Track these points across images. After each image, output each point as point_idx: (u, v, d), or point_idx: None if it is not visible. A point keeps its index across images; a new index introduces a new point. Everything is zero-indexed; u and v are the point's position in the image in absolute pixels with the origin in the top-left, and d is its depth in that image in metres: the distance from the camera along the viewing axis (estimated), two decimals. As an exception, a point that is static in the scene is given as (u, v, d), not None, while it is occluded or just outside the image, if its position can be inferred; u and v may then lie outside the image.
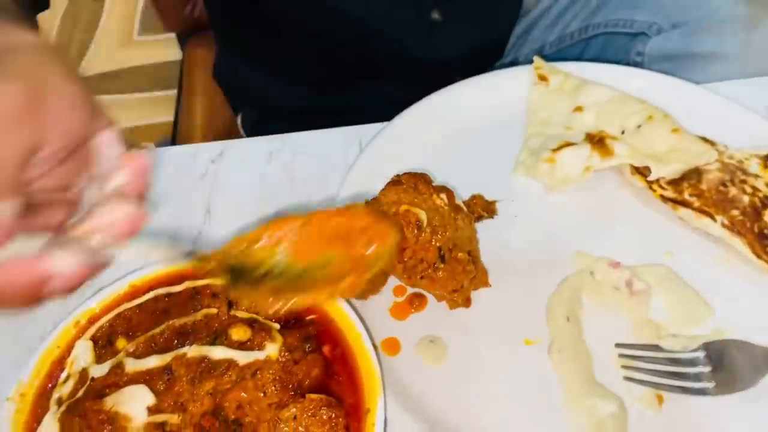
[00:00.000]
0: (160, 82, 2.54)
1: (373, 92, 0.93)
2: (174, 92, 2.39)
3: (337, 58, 0.97)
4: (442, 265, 0.58)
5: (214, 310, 0.55)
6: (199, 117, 1.41)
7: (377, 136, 0.73)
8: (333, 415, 0.49)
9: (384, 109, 0.75)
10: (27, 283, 0.39)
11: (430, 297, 0.63)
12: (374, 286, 0.61)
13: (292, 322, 0.56)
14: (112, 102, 2.48)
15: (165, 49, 2.64)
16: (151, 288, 0.57)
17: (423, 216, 0.56)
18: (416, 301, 0.63)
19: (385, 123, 0.75)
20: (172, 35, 2.87)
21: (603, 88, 0.72)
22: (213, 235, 0.70)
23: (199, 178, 0.76)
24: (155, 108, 2.43)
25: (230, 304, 0.56)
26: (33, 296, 0.39)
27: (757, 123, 0.69)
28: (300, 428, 0.49)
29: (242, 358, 0.50)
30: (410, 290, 0.64)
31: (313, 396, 0.49)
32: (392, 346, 0.60)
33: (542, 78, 0.74)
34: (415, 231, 0.56)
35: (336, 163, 0.75)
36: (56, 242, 0.40)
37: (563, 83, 0.73)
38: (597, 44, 0.97)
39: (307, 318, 0.56)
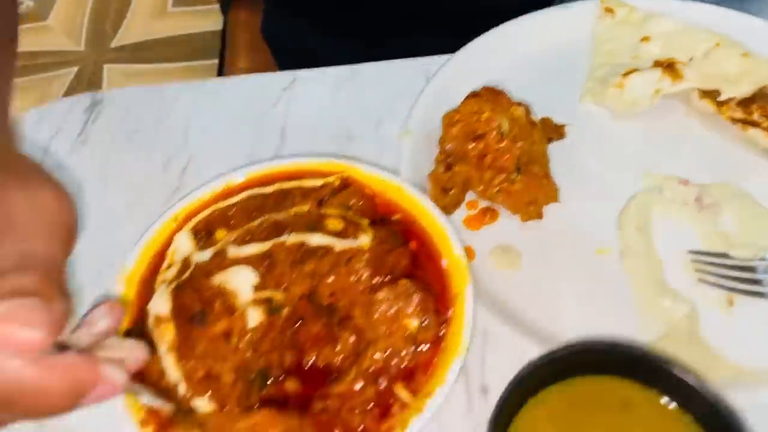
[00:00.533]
0: (194, 53, 2.57)
1: (424, 45, 0.94)
2: (212, 62, 2.43)
3: (390, 8, 0.98)
4: (518, 177, 0.61)
5: (305, 208, 0.58)
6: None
7: (445, 66, 0.75)
8: (423, 298, 0.52)
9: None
10: (76, 378, 0.36)
11: (502, 211, 0.65)
12: (455, 202, 0.64)
13: (378, 221, 0.59)
14: (150, 71, 2.52)
15: (199, 20, 2.67)
16: (243, 189, 0.60)
17: (505, 123, 0.59)
18: (489, 213, 0.65)
19: (452, 54, 0.77)
20: (207, 6, 2.90)
21: (669, 19, 0.73)
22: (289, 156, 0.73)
23: (271, 106, 0.79)
24: (196, 76, 2.46)
25: (320, 202, 0.59)
26: (75, 402, 0.36)
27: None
28: (392, 310, 0.52)
29: (338, 245, 0.53)
30: (483, 204, 0.66)
31: (405, 280, 0.52)
32: (468, 253, 0.63)
33: (608, 10, 0.76)
34: (497, 137, 0.59)
35: (403, 93, 0.77)
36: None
37: (629, 15, 0.75)
38: None
39: (393, 218, 0.59)
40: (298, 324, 0.54)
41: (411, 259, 0.56)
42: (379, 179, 0.60)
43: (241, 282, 0.52)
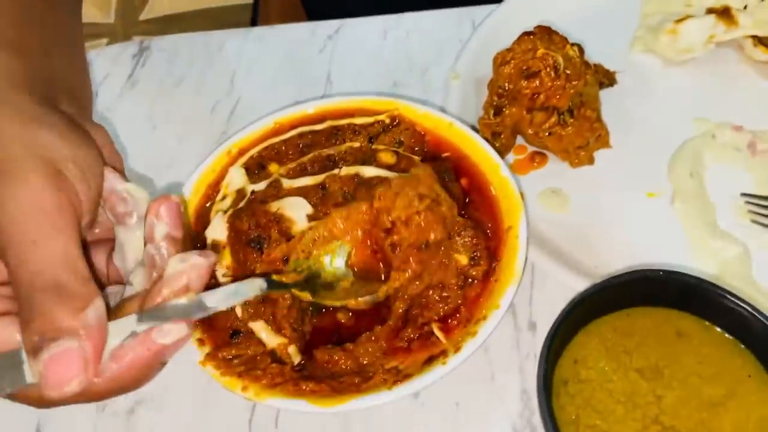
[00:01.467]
0: (224, 26, 2.57)
1: None
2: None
3: None
4: (571, 120, 0.60)
5: (356, 144, 0.59)
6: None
7: (495, 11, 0.75)
8: (476, 235, 0.52)
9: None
10: (147, 363, 0.38)
11: (551, 155, 0.65)
12: (506, 146, 0.64)
13: (429, 158, 0.59)
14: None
15: (229, -9, 2.67)
16: (293, 126, 0.61)
17: (560, 60, 0.58)
18: (537, 158, 0.65)
19: (499, 3, 0.76)
20: (237, -21, 2.88)
21: None
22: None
23: (317, 52, 0.79)
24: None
25: (371, 139, 0.59)
26: (152, 373, 0.39)
27: None
28: (445, 244, 0.52)
29: (390, 174, 0.54)
30: (531, 149, 0.66)
31: (459, 218, 0.52)
32: (516, 196, 0.63)
33: None
34: (552, 74, 0.58)
35: (450, 40, 0.77)
36: (150, 317, 0.38)
37: None
38: None
39: (443, 154, 0.59)
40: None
41: (462, 195, 0.56)
42: (430, 117, 0.60)
43: (296, 210, 0.52)
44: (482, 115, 0.64)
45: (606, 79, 0.68)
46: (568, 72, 0.59)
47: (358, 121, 0.60)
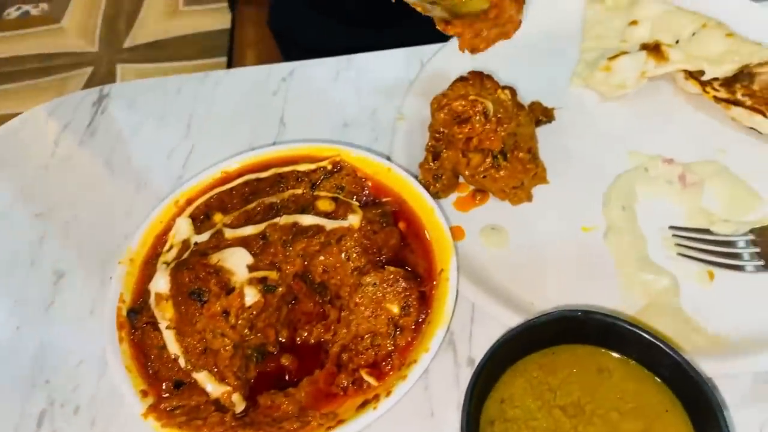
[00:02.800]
0: (206, 51, 2.61)
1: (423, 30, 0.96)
2: (222, 59, 2.46)
3: None
4: (504, 163, 0.63)
5: (299, 190, 0.61)
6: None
7: (438, 52, 0.78)
8: (408, 287, 0.54)
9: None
10: None
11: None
12: (448, 186, 0.66)
13: (369, 203, 0.61)
14: (161, 70, 2.57)
15: (210, 18, 2.71)
16: (240, 174, 0.63)
17: (490, 105, 0.61)
18: (479, 196, 0.68)
19: (446, 41, 0.79)
20: (218, 4, 2.94)
21: (656, 3, 0.75)
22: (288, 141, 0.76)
23: (272, 95, 0.82)
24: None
25: (313, 186, 0.61)
26: None
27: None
28: (378, 294, 0.54)
29: (328, 224, 0.56)
30: (473, 187, 0.68)
31: (392, 268, 0.55)
32: (458, 232, 0.65)
33: None
34: (482, 119, 0.61)
35: (399, 79, 0.79)
36: None
37: (617, 1, 0.77)
38: None
39: (383, 199, 0.61)
40: (292, 302, 0.57)
41: (399, 239, 0.58)
42: (371, 162, 0.63)
43: (236, 261, 0.55)
44: (423, 159, 0.66)
45: (544, 116, 0.71)
46: (500, 116, 0.62)
47: (302, 168, 0.62)
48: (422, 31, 0.92)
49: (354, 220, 0.57)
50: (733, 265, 0.59)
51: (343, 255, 0.56)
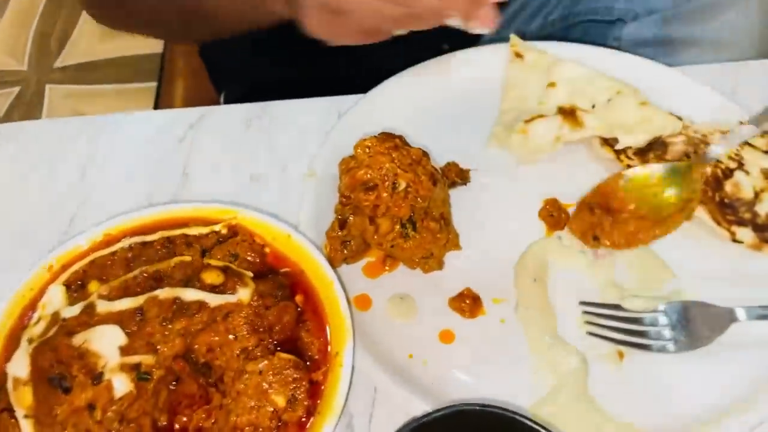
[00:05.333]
0: (138, 74, 2.52)
1: (354, 64, 0.93)
2: (153, 84, 2.38)
3: None
4: (412, 233, 0.59)
5: (188, 258, 0.56)
6: (179, 101, 1.41)
7: (355, 106, 0.74)
8: (298, 377, 0.50)
9: (367, 83, 0.76)
10: None
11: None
12: (357, 252, 0.62)
13: (266, 274, 0.57)
14: (91, 92, 2.47)
15: (144, 41, 2.62)
16: (125, 237, 0.58)
17: (401, 181, 0.58)
18: (389, 262, 0.64)
19: (364, 94, 0.76)
20: (154, 27, 2.85)
21: (576, 65, 0.74)
22: (189, 198, 0.71)
23: (177, 142, 0.76)
24: (135, 98, 2.42)
25: (203, 253, 0.56)
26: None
27: (721, 103, 0.71)
28: (264, 384, 0.50)
29: (213, 300, 0.51)
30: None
31: (283, 355, 0.50)
32: (363, 302, 0.61)
33: (518, 55, 0.76)
34: (390, 189, 0.58)
35: (314, 132, 0.76)
36: None
37: (538, 60, 0.75)
38: (577, 32, 1.00)
39: (281, 270, 0.57)
40: (174, 382, 0.52)
41: (295, 315, 0.54)
42: (270, 228, 0.58)
43: (107, 342, 0.49)
44: (329, 226, 0.62)
45: (459, 178, 0.68)
46: (409, 183, 0.58)
47: (193, 231, 0.58)
48: (357, 66, 0.90)
49: (244, 294, 0.52)
50: (641, 345, 0.57)
51: (229, 334, 0.51)
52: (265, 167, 0.74)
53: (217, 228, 0.58)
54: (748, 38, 0.86)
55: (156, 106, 1.45)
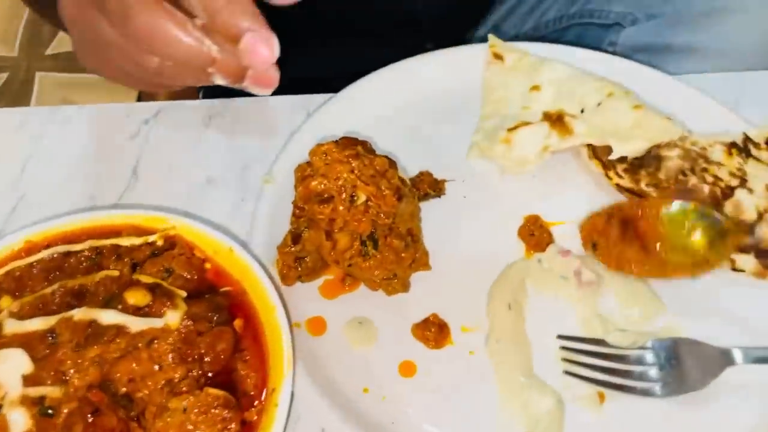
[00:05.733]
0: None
1: (332, 64, 0.87)
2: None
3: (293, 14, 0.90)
4: (373, 251, 0.53)
5: (115, 273, 0.49)
6: (163, 94, 1.34)
7: (324, 105, 0.68)
8: (227, 416, 0.44)
9: (344, 84, 0.70)
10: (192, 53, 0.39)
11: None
12: (313, 270, 0.56)
13: (204, 293, 0.50)
14: (82, 81, 2.40)
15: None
16: (48, 245, 0.52)
17: (360, 193, 0.51)
18: (349, 281, 0.58)
19: (334, 94, 0.70)
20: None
21: (561, 66, 0.67)
22: (136, 201, 0.64)
23: (129, 138, 0.70)
24: (126, 89, 2.35)
25: (134, 267, 0.50)
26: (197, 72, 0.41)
27: (723, 114, 0.65)
28: (188, 424, 0.43)
29: (135, 324, 0.45)
30: (343, 269, 0.58)
31: (212, 391, 0.44)
32: (318, 325, 0.55)
33: (497, 56, 0.69)
34: (347, 202, 0.51)
35: (279, 131, 0.69)
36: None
37: (519, 61, 0.69)
38: (571, 35, 0.94)
39: (222, 289, 0.51)
40: (94, 413, 0.45)
41: (231, 342, 0.47)
42: (212, 240, 0.52)
43: (8, 369, 0.43)
44: (282, 241, 0.55)
45: (432, 189, 0.62)
46: (369, 198, 0.52)
47: (125, 242, 0.51)
48: (332, 62, 0.83)
49: (172, 318, 0.46)
50: (624, 386, 0.51)
51: (154, 363, 0.45)
52: (224, 170, 0.67)
53: (152, 239, 0.51)
54: (753, 47, 0.80)
55: (139, 99, 1.39)
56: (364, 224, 0.52)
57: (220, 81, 0.42)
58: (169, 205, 0.62)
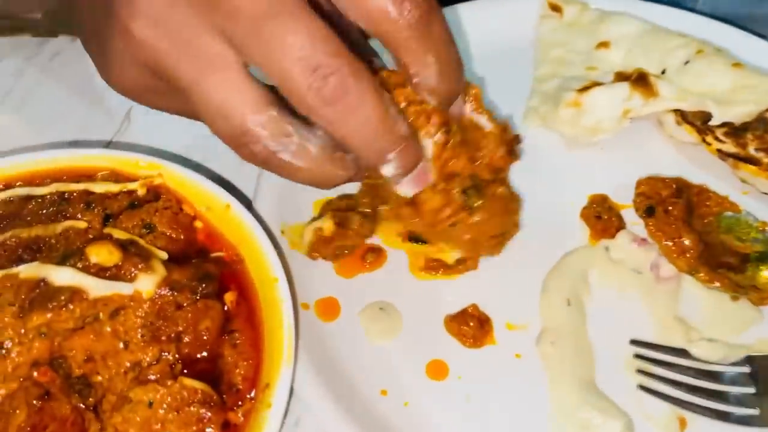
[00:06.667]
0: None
1: None
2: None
3: None
4: (479, 202, 0.40)
5: (82, 224, 0.40)
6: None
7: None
8: (206, 416, 0.34)
9: None
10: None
11: (391, 253, 0.47)
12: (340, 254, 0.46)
13: (191, 257, 0.40)
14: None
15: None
16: (6, 185, 0.42)
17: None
18: (370, 257, 0.47)
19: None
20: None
21: (632, 19, 0.56)
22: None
23: (126, 79, 0.60)
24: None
25: (107, 218, 0.40)
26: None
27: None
28: (154, 422, 0.33)
29: (96, 287, 0.35)
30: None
31: (188, 382, 0.34)
32: (330, 309, 0.45)
33: (554, 8, 0.58)
34: (442, 134, 0.38)
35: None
36: None
37: (580, 15, 0.58)
38: None
39: (213, 254, 0.41)
40: (44, 397, 0.36)
41: (219, 320, 0.37)
42: (205, 193, 0.42)
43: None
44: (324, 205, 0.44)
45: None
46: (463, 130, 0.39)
47: (98, 187, 0.41)
48: None
49: (146, 283, 0.36)
50: (713, 411, 0.40)
51: (118, 340, 0.35)
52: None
53: (132, 186, 0.41)
54: None
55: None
56: (462, 161, 0.39)
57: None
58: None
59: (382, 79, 0.35)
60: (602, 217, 0.49)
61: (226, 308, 0.38)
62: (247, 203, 0.46)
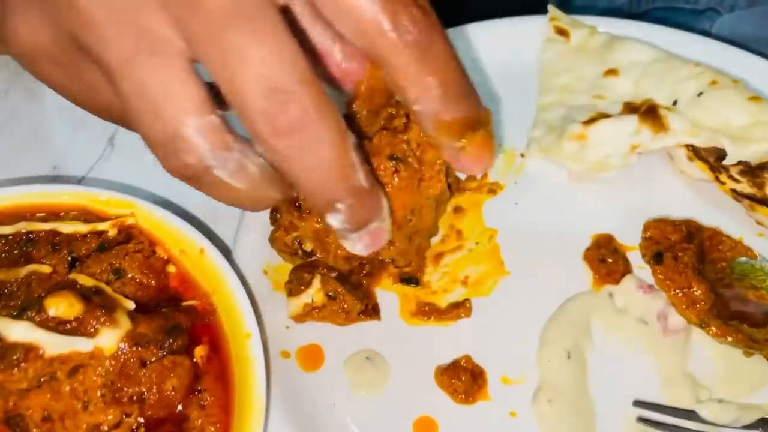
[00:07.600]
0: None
1: None
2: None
3: None
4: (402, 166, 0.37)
5: (47, 269, 0.37)
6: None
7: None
8: None
9: None
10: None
11: (379, 297, 0.44)
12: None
13: (162, 305, 0.38)
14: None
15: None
16: (-28, 225, 0.39)
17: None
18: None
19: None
20: None
21: (643, 45, 0.53)
22: (106, 176, 0.52)
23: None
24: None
25: (73, 263, 0.38)
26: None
27: None
28: None
29: (54, 345, 0.33)
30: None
31: None
32: (312, 357, 0.42)
33: (561, 31, 0.55)
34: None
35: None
36: None
37: (588, 40, 0.54)
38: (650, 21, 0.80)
39: (184, 303, 0.38)
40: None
41: (188, 378, 0.35)
42: (180, 236, 0.39)
43: None
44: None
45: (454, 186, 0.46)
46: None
47: (66, 228, 0.39)
48: None
49: (108, 339, 0.33)
50: (727, 483, 0.37)
51: (77, 400, 0.33)
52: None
53: (102, 227, 0.39)
54: None
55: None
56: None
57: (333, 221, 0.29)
58: (145, 188, 0.50)
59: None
60: (607, 261, 0.46)
61: (195, 365, 0.35)
62: (226, 247, 0.43)
